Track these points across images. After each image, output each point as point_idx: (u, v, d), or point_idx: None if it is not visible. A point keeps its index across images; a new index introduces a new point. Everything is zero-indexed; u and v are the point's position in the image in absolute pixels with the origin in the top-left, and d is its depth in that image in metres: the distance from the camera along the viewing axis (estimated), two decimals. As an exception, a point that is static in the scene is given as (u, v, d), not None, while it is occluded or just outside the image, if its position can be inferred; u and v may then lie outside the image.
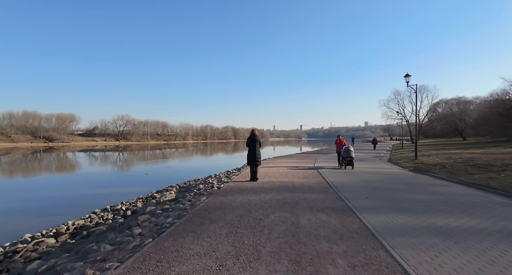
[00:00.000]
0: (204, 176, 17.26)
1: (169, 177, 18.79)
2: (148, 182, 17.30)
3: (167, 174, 21.14)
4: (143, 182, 17.26)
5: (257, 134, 8.99)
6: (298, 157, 21.15)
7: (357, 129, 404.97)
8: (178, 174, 20.17)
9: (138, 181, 17.94)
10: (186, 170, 22.67)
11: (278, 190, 7.07)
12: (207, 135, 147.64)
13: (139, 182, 17.45)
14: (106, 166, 28.45)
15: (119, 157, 41.23)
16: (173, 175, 20.04)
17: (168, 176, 19.35)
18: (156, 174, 21.31)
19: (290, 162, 16.06)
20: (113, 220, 7.88)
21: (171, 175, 20.13)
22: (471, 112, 51.51)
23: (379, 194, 6.65)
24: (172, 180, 16.87)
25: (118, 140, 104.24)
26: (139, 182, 17.43)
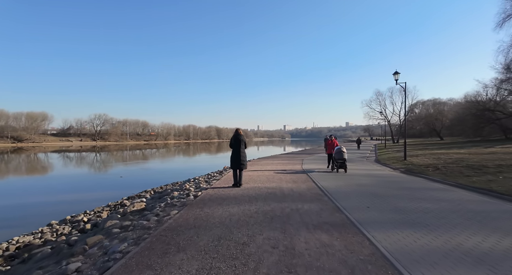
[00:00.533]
0: (183, 178, 16.02)
1: (146, 180, 17.37)
2: (121, 185, 15.84)
3: (144, 176, 19.64)
4: (116, 186, 15.78)
5: (242, 134, 7.96)
6: (283, 158, 20.29)
7: (338, 129, 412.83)
8: (155, 177, 18.75)
9: (110, 185, 16.41)
10: (164, 172, 21.23)
11: (265, 199, 6.07)
12: (189, 135, 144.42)
13: (111, 186, 15.93)
14: (78, 168, 26.34)
15: (93, 158, 38.74)
16: (150, 177, 18.60)
17: (144, 179, 17.90)
18: (131, 176, 19.75)
19: (276, 163, 15.14)
20: (67, 236, 6.57)
21: (147, 178, 18.67)
22: (448, 112, 53.16)
23: (380, 202, 5.80)
24: (148, 183, 15.52)
25: (95, 140, 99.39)
26: (112, 186, 15.92)
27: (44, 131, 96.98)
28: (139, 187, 14.59)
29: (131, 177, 19.53)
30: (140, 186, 14.73)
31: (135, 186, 14.81)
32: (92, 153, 50.09)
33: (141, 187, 14.56)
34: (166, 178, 17.27)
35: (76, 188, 15.84)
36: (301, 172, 11.11)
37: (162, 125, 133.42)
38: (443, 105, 59.12)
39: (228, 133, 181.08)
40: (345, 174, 10.45)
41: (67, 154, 47.34)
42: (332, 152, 11.68)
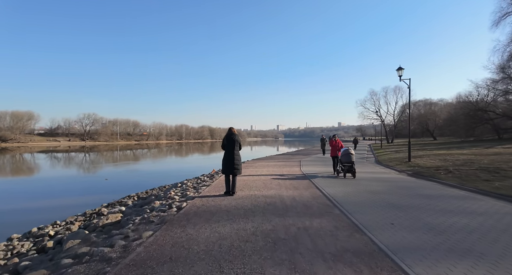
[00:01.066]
0: (172, 181, 14.92)
1: (132, 183, 16.14)
2: (105, 189, 14.61)
3: (130, 179, 18.35)
4: (99, 190, 14.54)
5: (236, 133, 6.87)
6: (279, 159, 19.23)
7: (331, 129, 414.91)
8: (142, 179, 17.53)
9: (93, 189, 15.13)
10: (152, 175, 19.95)
11: (264, 212, 4.97)
12: (182, 135, 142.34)
13: (94, 190, 14.66)
14: (61, 170, 24.78)
15: (80, 158, 37.02)
16: (137, 180, 17.35)
17: (130, 182, 16.66)
18: (117, 179, 18.43)
19: (272, 165, 14.06)
20: (21, 258, 5.36)
21: (134, 180, 17.41)
22: (441, 113, 53.14)
23: (403, 216, 4.77)
24: (134, 187, 14.34)
25: (84, 140, 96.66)
26: (95, 190, 14.65)
27: (31, 131, 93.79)
28: (123, 191, 13.39)
29: (117, 179, 18.22)
30: (124, 190, 13.53)
31: (119, 190, 13.62)
32: (80, 153, 48.21)
33: (126, 191, 13.36)
34: (154, 181, 16.08)
35: (55, 192, 14.44)
36: (301, 177, 10.04)
37: (153, 124, 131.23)
38: (434, 106, 59.35)
39: (221, 133, 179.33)
40: (350, 179, 9.40)
41: (53, 154, 45.40)
42: (336, 155, 10.45)
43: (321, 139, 23.49)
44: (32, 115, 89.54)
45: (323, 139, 23.19)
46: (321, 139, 23.66)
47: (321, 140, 23.60)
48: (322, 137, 23.64)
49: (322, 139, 23.37)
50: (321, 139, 23.49)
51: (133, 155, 44.93)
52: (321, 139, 23.62)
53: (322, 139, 23.32)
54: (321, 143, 23.25)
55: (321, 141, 23.50)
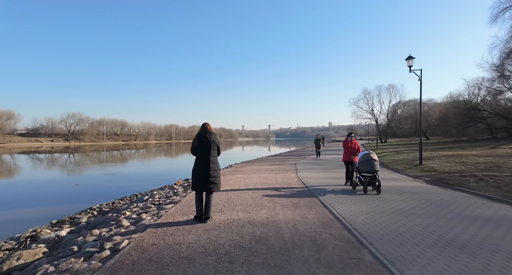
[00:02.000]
0: (148, 187, 13.05)
1: (105, 189, 14.09)
2: (71, 197, 12.51)
3: (106, 184, 16.10)
4: (64, 198, 12.35)
5: (212, 131, 4.88)
6: (271, 161, 17.29)
7: (321, 129, 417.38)
8: (118, 185, 15.45)
9: (57, 196, 12.87)
10: (131, 179, 17.78)
11: (249, 262, 2.98)
12: (172, 135, 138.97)
13: (57, 198, 12.43)
14: (30, 173, 22.16)
15: (58, 160, 34.21)
16: (112, 186, 15.24)
17: (104, 188, 14.52)
18: (90, 184, 16.16)
19: (264, 170, 12.08)
20: None
21: (109, 186, 15.26)
22: (432, 112, 52.29)
23: (478, 266, 2.86)
24: (106, 194, 12.45)
25: (68, 141, 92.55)
26: (58, 198, 12.42)
27: (12, 131, 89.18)
28: (90, 200, 11.34)
29: (90, 185, 16.01)
30: (90, 199, 11.47)
31: (87, 199, 11.63)
32: (61, 154, 45.20)
33: (92, 200, 11.30)
34: (129, 187, 14.17)
35: (6, 202, 12.06)
36: (300, 187, 8.07)
37: (142, 124, 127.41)
38: (424, 106, 58.55)
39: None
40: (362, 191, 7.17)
41: (32, 155, 42.17)
42: (351, 160, 7.93)
43: (315, 140, 20.51)
44: (11, 114, 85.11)
45: (318, 140, 20.42)
46: (315, 139, 20.65)
47: (315, 141, 20.58)
48: (317, 138, 20.73)
49: (317, 139, 20.50)
50: (315, 140, 20.51)
51: (117, 156, 42.26)
52: (315, 140, 20.60)
53: (317, 140, 20.44)
54: (316, 144, 20.27)
55: (315, 143, 20.46)
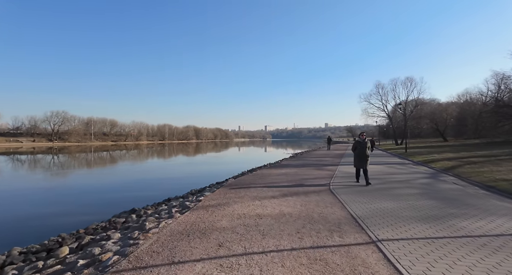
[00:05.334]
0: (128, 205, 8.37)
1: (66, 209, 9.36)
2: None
3: (68, 199, 11.37)
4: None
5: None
6: (295, 170, 12.72)
7: (318, 130, 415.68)
8: (84, 199, 10.73)
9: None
10: (104, 192, 13.04)
11: None
12: (165, 135, 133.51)
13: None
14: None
15: (31, 163, 28.96)
16: (75, 203, 10.53)
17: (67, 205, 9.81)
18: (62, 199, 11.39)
19: (299, 204, 7.54)
20: None
21: (71, 203, 10.55)
22: (453, 111, 48.59)
23: None
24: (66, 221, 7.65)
25: (51, 141, 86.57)
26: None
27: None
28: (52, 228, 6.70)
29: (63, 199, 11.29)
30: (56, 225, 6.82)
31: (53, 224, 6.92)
32: (40, 156, 39.75)
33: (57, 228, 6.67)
34: (100, 206, 9.45)
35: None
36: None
37: (133, 124, 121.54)
38: (437, 105, 54.91)
39: (207, 134, 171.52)
40: None
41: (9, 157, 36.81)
42: None
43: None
44: (-11, 113, 78.81)
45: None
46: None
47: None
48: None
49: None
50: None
51: (102, 159, 37.11)
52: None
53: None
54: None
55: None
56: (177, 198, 11.48)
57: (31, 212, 9.85)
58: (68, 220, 9.08)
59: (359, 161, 8.35)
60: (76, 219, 9.21)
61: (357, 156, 8.37)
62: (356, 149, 8.43)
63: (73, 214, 9.90)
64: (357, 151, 8.40)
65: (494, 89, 40.78)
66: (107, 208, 10.52)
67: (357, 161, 8.41)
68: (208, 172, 21.39)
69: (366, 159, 8.29)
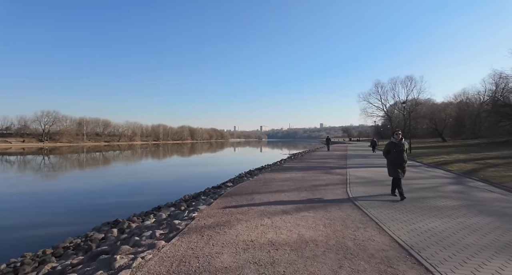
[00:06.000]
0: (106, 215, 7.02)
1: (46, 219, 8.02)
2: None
3: (49, 206, 10.01)
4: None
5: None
6: (301, 173, 11.43)
7: (313, 130, 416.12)
8: (67, 206, 9.40)
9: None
10: (91, 197, 11.66)
11: None
12: (159, 135, 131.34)
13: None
14: None
15: (14, 165, 27.19)
16: (61, 208, 9.19)
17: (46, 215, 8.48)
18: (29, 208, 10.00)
19: (320, 222, 6.23)
20: None
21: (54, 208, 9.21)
22: (451, 111, 47.99)
23: None
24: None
25: (42, 141, 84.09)
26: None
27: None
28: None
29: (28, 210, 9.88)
30: None
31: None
32: (30, 156, 37.89)
33: None
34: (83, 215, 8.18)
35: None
36: None
37: (127, 124, 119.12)
38: (435, 106, 54.36)
39: (202, 134, 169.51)
40: None
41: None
42: None
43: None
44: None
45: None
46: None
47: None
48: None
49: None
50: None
51: (91, 160, 35.41)
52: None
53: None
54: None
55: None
56: (168, 206, 10.18)
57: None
58: (43, 232, 7.85)
59: (395, 169, 6.28)
60: (52, 231, 7.94)
61: (392, 162, 6.34)
62: (389, 153, 6.45)
63: (51, 224, 8.62)
64: (391, 155, 6.39)
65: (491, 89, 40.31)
66: (90, 216, 9.35)
67: (393, 168, 6.34)
68: (203, 174, 20.07)
69: (404, 166, 6.31)
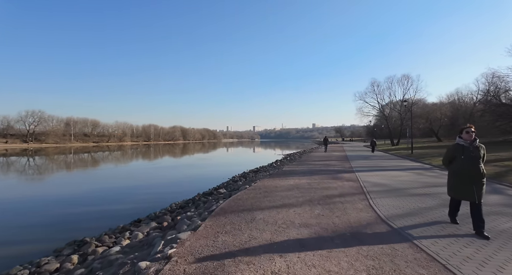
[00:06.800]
0: (75, 230, 5.36)
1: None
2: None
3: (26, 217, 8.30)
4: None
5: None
6: (306, 179, 9.92)
7: (306, 131, 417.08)
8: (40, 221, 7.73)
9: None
10: (63, 206, 9.95)
11: None
12: (150, 135, 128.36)
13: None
14: None
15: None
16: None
17: None
18: None
19: (364, 272, 4.76)
20: None
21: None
22: (447, 110, 47.50)
23: None
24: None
25: (26, 142, 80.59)
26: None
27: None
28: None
29: None
30: None
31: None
32: (13, 158, 35.49)
33: None
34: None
35: None
36: None
37: (116, 124, 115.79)
38: (428, 106, 54.03)
39: (194, 134, 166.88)
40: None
41: None
42: None
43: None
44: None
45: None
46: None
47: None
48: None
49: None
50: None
51: (77, 161, 33.20)
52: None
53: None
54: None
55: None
56: (151, 218, 8.63)
57: None
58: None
59: (464, 186, 4.09)
60: (2, 253, 6.34)
61: (459, 175, 4.12)
62: (454, 161, 4.27)
63: (4, 242, 7.01)
64: (457, 164, 4.16)
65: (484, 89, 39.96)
66: (57, 231, 7.90)
67: (459, 185, 4.15)
68: (194, 177, 18.47)
69: (481, 182, 3.99)
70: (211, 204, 6.78)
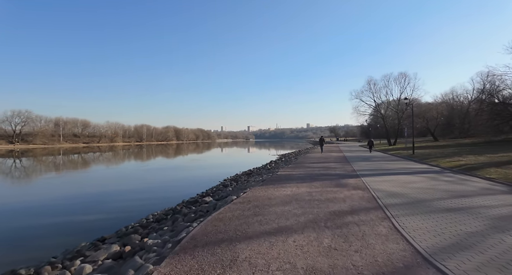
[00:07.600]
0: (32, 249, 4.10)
1: None
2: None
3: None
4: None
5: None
6: (306, 188, 8.45)
7: (300, 131, 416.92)
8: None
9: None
10: (29, 215, 8.41)
11: None
12: (142, 136, 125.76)
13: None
14: None
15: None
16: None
17: None
18: None
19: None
20: None
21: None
22: (443, 110, 46.66)
23: None
24: None
25: (12, 143, 77.62)
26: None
27: None
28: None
29: None
30: None
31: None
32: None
33: None
34: None
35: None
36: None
37: (107, 124, 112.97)
38: (425, 105, 53.35)
39: (188, 134, 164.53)
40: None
41: None
42: None
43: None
44: None
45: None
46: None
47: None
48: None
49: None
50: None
51: (61, 163, 31.19)
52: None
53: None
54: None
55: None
56: (118, 236, 7.15)
57: None
58: None
59: None
60: None
61: None
62: None
63: None
64: None
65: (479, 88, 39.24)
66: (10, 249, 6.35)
67: None
68: (182, 180, 17.05)
69: None
70: (183, 226, 5.22)
